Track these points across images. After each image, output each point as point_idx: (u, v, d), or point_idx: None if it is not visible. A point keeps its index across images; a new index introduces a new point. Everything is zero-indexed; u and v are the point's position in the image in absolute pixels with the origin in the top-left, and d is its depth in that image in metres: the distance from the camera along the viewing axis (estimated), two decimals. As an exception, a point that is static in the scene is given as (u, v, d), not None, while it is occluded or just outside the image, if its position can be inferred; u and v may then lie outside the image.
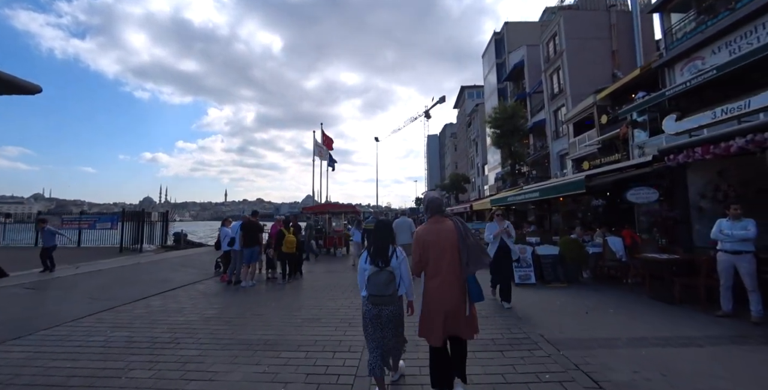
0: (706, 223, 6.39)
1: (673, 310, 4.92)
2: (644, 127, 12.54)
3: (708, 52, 11.78)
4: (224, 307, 5.63)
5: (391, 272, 2.63)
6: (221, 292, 6.94)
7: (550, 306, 5.30)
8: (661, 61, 13.59)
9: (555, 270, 6.86)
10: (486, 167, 37.27)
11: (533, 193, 8.60)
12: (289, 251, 7.65)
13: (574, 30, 21.18)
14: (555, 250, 7.00)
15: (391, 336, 2.67)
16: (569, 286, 6.61)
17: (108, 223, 16.31)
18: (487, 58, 37.16)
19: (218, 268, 9.02)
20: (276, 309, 5.49)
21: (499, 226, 5.56)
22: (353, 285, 7.26)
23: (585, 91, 19.06)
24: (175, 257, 11.15)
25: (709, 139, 5.47)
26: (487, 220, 5.65)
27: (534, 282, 6.74)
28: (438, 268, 2.63)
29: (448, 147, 64.54)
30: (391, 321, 2.66)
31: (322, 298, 6.19)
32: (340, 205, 13.75)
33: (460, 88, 52.99)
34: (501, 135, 20.18)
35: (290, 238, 7.59)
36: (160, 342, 3.97)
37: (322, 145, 16.82)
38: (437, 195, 2.96)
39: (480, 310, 5.07)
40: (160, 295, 6.44)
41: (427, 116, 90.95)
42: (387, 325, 2.65)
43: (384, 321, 2.64)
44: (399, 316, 2.74)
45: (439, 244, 2.65)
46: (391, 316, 2.66)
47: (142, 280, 7.67)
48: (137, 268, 9.11)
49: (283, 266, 7.78)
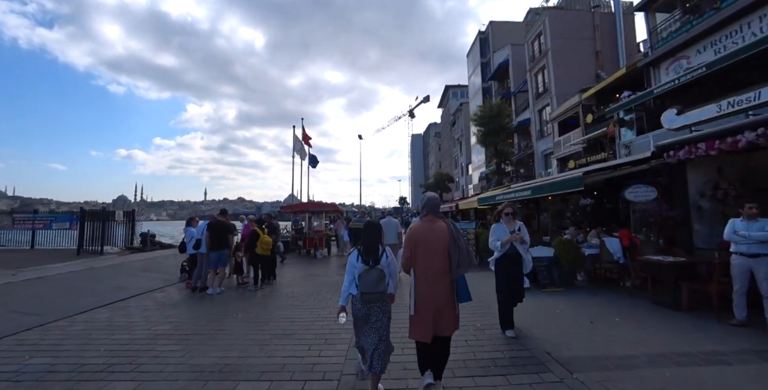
0: (706, 223, 6.10)
1: (681, 317, 4.52)
2: (631, 125, 12.44)
3: (693, 51, 11.76)
4: (181, 321, 4.85)
5: (382, 270, 2.68)
6: (183, 301, 6.13)
7: (550, 315, 4.82)
8: (646, 61, 13.57)
9: (550, 273, 6.42)
10: (470, 167, 37.23)
11: (524, 191, 8.18)
12: (263, 253, 6.90)
13: (559, 29, 21.18)
14: (550, 251, 6.57)
15: (379, 337, 2.68)
16: (565, 291, 6.18)
17: (66, 223, 14.96)
18: (471, 58, 37.08)
19: (184, 273, 8.16)
20: (242, 322, 4.77)
21: (508, 228, 4.13)
22: (334, 291, 6.60)
23: (570, 91, 19.05)
24: (138, 260, 10.13)
25: (715, 133, 5.14)
26: (492, 219, 4.67)
27: (528, 286, 6.26)
28: (428, 267, 2.70)
29: (432, 146, 64.52)
30: (380, 319, 2.71)
31: (297, 307, 5.51)
32: (321, 204, 12.99)
33: (445, 87, 52.96)
34: (486, 133, 19.91)
35: (266, 239, 6.85)
36: (88, 371, 3.20)
37: (302, 141, 16.01)
38: (435, 196, 2.97)
39: (474, 322, 4.59)
40: (108, 307, 5.58)
41: (412, 115, 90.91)
42: (376, 324, 2.70)
43: (373, 319, 2.69)
44: (387, 314, 2.78)
45: (430, 243, 2.72)
46: (380, 315, 2.71)
47: (90, 288, 6.73)
48: (90, 273, 8.11)
49: (255, 271, 7.02)
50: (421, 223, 2.85)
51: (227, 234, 6.81)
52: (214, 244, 6.60)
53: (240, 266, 7.54)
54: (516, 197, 8.78)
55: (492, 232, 4.25)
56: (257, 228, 6.92)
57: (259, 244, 6.75)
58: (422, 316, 2.66)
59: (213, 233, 6.63)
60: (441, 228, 2.74)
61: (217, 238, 6.66)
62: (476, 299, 5.69)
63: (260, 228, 6.99)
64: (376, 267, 2.69)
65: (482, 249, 9.31)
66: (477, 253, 9.52)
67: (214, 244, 6.60)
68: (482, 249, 9.31)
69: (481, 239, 9.34)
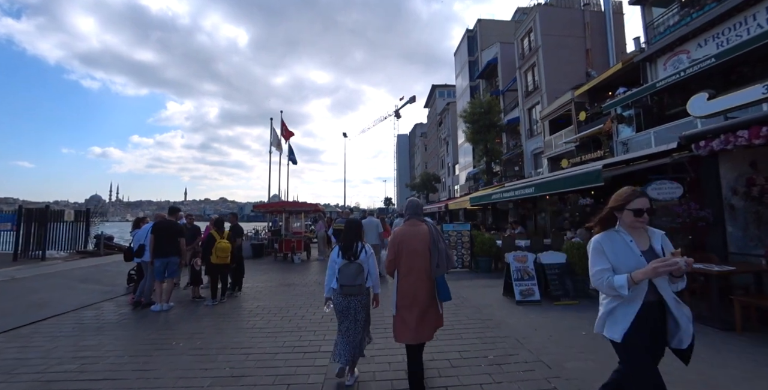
0: (740, 224, 5.33)
1: (739, 342, 3.65)
2: (630, 122, 11.85)
3: (693, 45, 11.27)
4: (98, 355, 3.61)
5: (360, 265, 2.90)
6: (115, 322, 4.86)
7: (576, 338, 3.86)
8: (643, 56, 13.05)
9: (563, 283, 5.51)
10: (457, 167, 36.64)
11: (526, 189, 7.29)
12: (220, 262, 5.68)
13: (549, 27, 20.75)
14: (562, 257, 5.66)
15: (359, 328, 2.89)
16: (580, 304, 5.28)
17: (8, 224, 13.16)
18: (459, 56, 36.53)
19: (131, 284, 6.84)
20: (181, 354, 3.59)
21: (637, 243, 1.90)
22: (309, 305, 5.48)
23: (560, 89, 18.59)
24: (81, 268, 8.67)
25: (763, 118, 4.34)
26: (594, 224, 2.04)
27: (539, 299, 5.34)
28: (411, 267, 2.77)
29: (418, 147, 63.89)
30: (360, 312, 2.91)
31: (259, 331, 4.35)
32: (300, 203, 11.70)
33: (431, 86, 52.40)
34: (476, 131, 19.13)
35: (222, 245, 5.62)
36: None
37: (281, 135, 14.75)
38: (417, 200, 3.07)
39: (485, 352, 3.61)
40: (9, 334, 4.27)
41: (397, 116, 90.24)
42: (356, 317, 2.89)
43: (353, 312, 2.89)
44: (367, 308, 2.98)
45: (413, 245, 2.79)
46: (360, 308, 2.91)
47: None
48: (8, 286, 6.64)
49: (213, 282, 5.79)
50: (403, 227, 2.93)
51: (176, 237, 5.57)
52: (158, 250, 5.36)
53: (198, 276, 6.30)
54: (516, 196, 7.88)
55: (597, 250, 1.93)
56: (214, 231, 5.69)
57: (214, 251, 5.52)
58: (405, 315, 2.71)
59: (158, 237, 5.39)
60: (423, 231, 2.84)
61: (164, 242, 5.43)
62: (483, 318, 4.69)
63: (218, 231, 5.74)
64: (356, 262, 2.90)
65: (478, 252, 8.37)
66: (472, 258, 8.59)
67: (158, 250, 5.36)
68: (478, 252, 8.37)
69: (478, 241, 8.40)
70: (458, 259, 8.54)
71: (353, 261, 2.86)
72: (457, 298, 5.71)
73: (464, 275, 8.01)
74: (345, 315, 2.86)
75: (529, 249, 8.70)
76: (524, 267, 5.51)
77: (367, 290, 2.95)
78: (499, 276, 7.18)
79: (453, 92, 44.41)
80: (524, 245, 8.63)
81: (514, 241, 8.52)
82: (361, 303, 2.87)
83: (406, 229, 2.86)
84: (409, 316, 2.66)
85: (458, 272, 8.32)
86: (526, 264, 5.54)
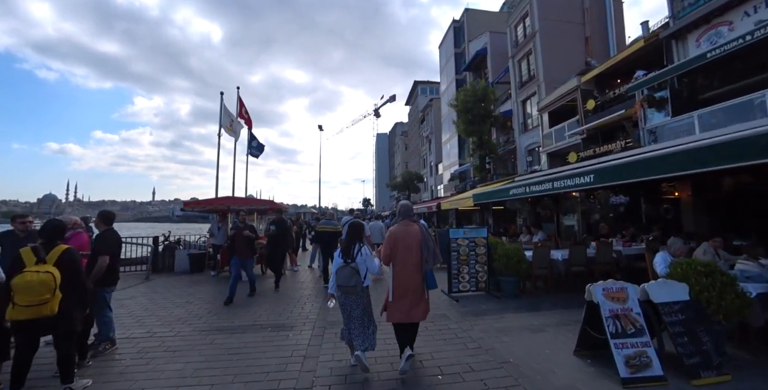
0: None
1: None
2: (663, 105, 9.86)
3: (738, 14, 9.40)
4: None
5: (354, 268, 3.14)
6: None
7: None
8: (669, 31, 11.13)
9: (695, 337, 3.06)
10: (440, 165, 34.56)
11: (579, 178, 4.84)
12: (14, 317, 2.69)
13: (547, 11, 18.94)
14: (681, 290, 3.22)
15: (356, 320, 3.20)
16: (735, 380, 2.85)
17: None
18: (444, 49, 34.53)
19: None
20: None
21: None
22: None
23: (559, 78, 16.76)
24: None
25: None
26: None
27: (662, 373, 2.85)
28: (404, 260, 3.25)
29: (399, 146, 61.68)
30: (354, 309, 3.19)
31: None
32: (248, 200, 8.65)
33: (413, 83, 50.36)
34: (470, 121, 16.84)
35: (26, 279, 2.67)
36: None
37: (236, 117, 11.76)
38: (409, 203, 3.60)
39: None
40: None
41: (377, 115, 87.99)
42: (352, 312, 3.20)
43: (348, 309, 3.21)
44: (364, 306, 3.24)
45: (407, 242, 3.29)
46: (355, 305, 3.19)
47: None
48: None
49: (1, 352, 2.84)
50: (399, 226, 3.41)
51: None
52: None
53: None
54: (554, 188, 5.44)
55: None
56: (27, 250, 2.76)
57: (16, 291, 2.57)
58: (399, 303, 3.19)
59: None
60: (415, 230, 3.35)
61: None
62: None
63: (35, 249, 2.80)
64: (351, 264, 3.18)
65: (501, 269, 5.88)
66: (489, 276, 6.07)
67: None
68: (501, 269, 5.88)
69: (499, 254, 5.92)
70: (471, 279, 6.02)
71: (348, 264, 3.16)
72: (501, 360, 3.19)
73: (484, 304, 5.46)
74: (343, 309, 3.25)
75: (568, 263, 6.30)
76: (624, 310, 3.04)
77: (363, 289, 3.20)
78: (533, 305, 4.88)
79: (436, 89, 42.48)
80: (561, 257, 6.25)
81: (549, 252, 6.14)
82: (355, 301, 3.18)
83: (401, 228, 3.39)
84: (402, 303, 3.19)
85: (473, 297, 5.82)
86: (626, 305, 3.06)
